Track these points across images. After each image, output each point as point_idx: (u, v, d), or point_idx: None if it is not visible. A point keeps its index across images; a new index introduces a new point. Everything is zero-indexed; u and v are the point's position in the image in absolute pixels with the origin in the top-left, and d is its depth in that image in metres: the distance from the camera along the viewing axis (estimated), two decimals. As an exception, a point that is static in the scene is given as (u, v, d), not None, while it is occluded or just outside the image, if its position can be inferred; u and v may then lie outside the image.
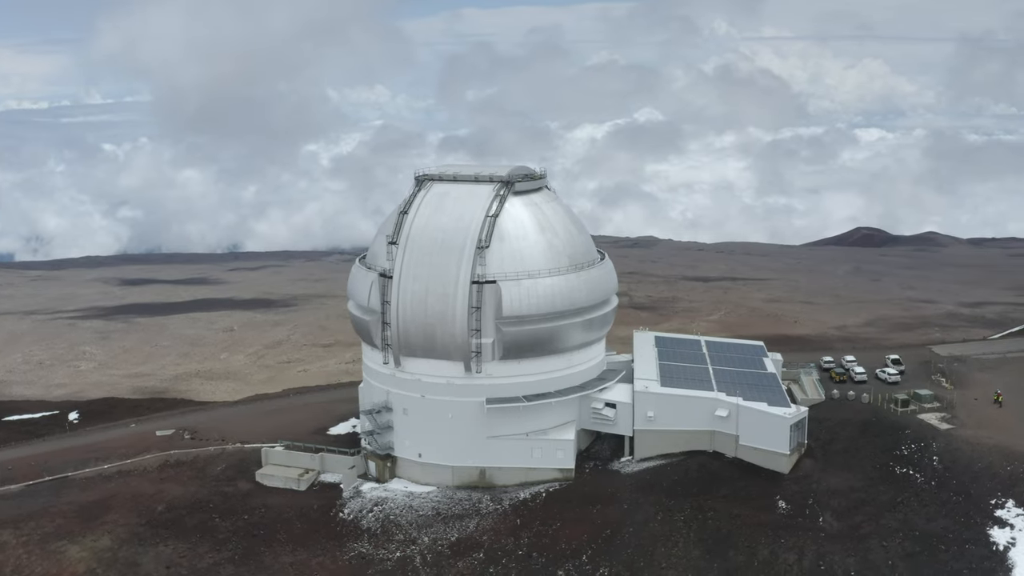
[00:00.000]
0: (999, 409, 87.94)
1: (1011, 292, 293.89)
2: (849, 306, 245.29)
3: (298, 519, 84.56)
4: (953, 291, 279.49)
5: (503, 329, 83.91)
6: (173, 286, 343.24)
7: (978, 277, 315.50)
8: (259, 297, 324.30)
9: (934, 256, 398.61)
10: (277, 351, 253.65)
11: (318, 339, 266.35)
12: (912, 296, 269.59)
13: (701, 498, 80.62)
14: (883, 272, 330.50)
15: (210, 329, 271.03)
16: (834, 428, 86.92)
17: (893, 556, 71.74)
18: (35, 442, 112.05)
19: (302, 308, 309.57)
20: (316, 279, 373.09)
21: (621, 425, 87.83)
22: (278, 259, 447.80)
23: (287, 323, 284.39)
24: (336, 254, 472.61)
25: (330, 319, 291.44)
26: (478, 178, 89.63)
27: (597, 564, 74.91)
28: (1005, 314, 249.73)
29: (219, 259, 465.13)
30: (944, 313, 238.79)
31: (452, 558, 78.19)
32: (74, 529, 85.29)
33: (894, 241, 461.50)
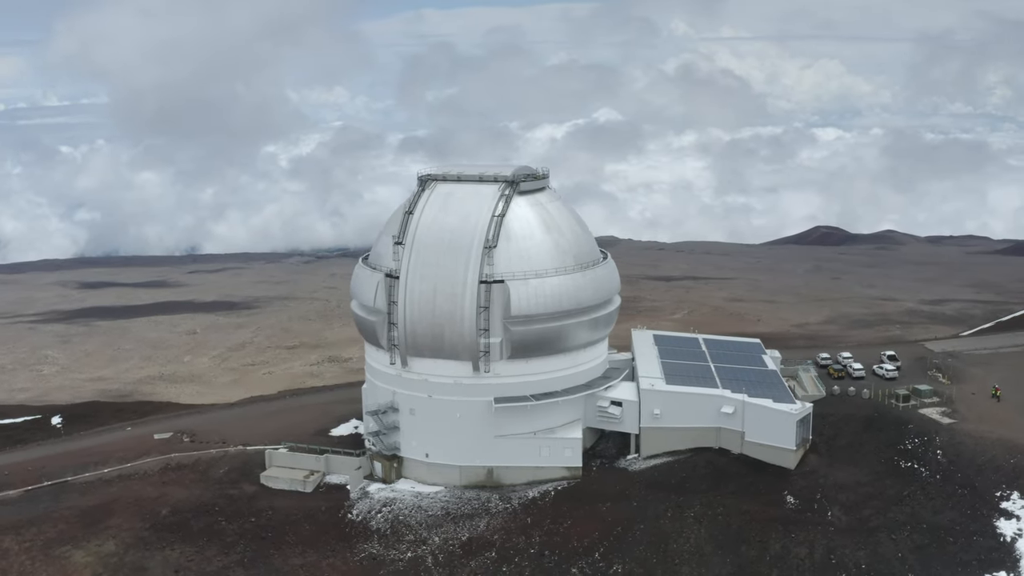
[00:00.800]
0: (997, 403, 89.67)
1: (970, 289, 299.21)
2: (810, 304, 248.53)
3: (306, 521, 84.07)
4: (913, 288, 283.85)
5: (511, 328, 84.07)
6: (133, 289, 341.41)
7: (937, 275, 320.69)
8: (220, 299, 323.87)
9: (893, 254, 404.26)
10: (241, 353, 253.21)
11: (282, 341, 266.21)
12: (872, 294, 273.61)
13: (710, 494, 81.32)
14: (843, 270, 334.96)
15: (172, 332, 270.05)
16: (837, 423, 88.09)
17: (903, 549, 72.91)
18: (30, 447, 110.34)
19: (264, 310, 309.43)
20: (277, 281, 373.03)
21: (627, 423, 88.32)
22: (238, 261, 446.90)
23: (250, 325, 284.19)
24: (296, 256, 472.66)
25: (293, 321, 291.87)
26: (482, 178, 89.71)
27: (611, 561, 75.27)
28: (964, 311, 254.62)
29: (178, 261, 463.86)
30: (904, 310, 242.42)
31: (464, 558, 78.15)
32: (77, 534, 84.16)
33: (853, 239, 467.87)
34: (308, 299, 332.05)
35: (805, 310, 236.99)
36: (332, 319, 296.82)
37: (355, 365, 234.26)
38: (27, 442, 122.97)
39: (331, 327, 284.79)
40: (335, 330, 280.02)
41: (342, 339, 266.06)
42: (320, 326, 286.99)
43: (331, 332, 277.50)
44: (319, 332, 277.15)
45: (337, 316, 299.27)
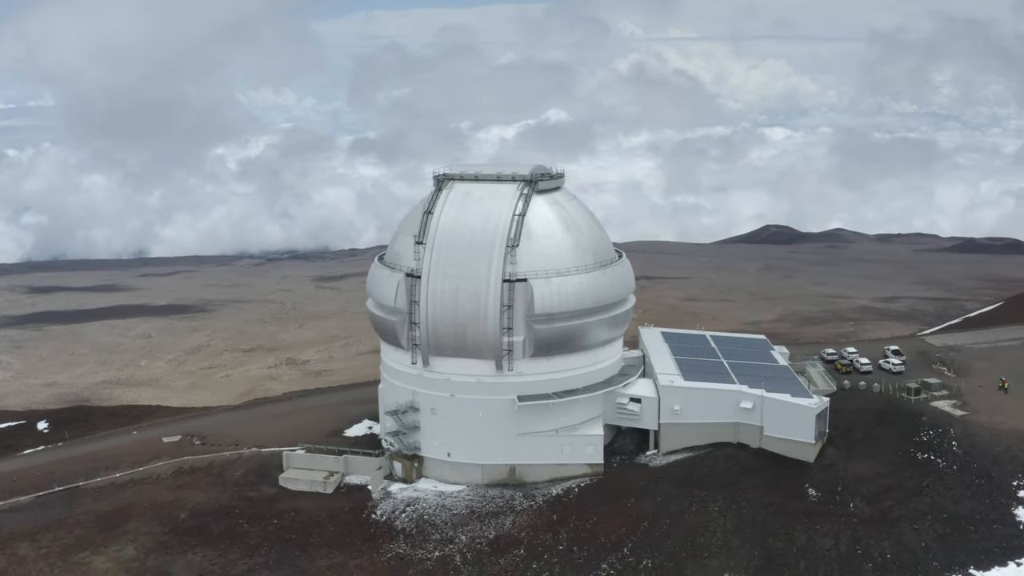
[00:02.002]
0: (1005, 395, 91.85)
1: (920, 287, 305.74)
2: (762, 302, 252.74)
3: (330, 522, 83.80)
4: (863, 286, 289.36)
5: (534, 327, 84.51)
6: (83, 293, 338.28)
7: (886, 272, 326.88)
8: (173, 303, 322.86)
9: (842, 252, 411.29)
10: (198, 357, 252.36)
11: (238, 344, 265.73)
12: (823, 292, 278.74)
13: (732, 488, 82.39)
14: (794, 268, 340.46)
15: (127, 336, 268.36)
16: (851, 417, 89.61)
17: (925, 538, 74.54)
18: (38, 452, 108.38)
19: (219, 313, 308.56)
20: (229, 284, 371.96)
21: (646, 419, 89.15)
22: (188, 264, 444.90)
23: (205, 328, 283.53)
24: (246, 258, 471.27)
25: (249, 324, 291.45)
26: (500, 177, 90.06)
27: (640, 556, 76.02)
28: (915, 308, 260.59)
29: (127, 265, 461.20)
30: (856, 308, 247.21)
31: (493, 556, 78.44)
32: (95, 539, 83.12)
33: (802, 238, 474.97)
34: (262, 302, 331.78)
35: (758, 308, 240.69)
36: (287, 322, 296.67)
37: (313, 368, 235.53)
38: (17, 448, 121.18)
39: (287, 330, 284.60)
40: (291, 333, 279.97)
41: (299, 342, 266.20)
42: (276, 329, 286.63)
43: (287, 335, 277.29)
44: (275, 335, 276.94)
45: (292, 319, 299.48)
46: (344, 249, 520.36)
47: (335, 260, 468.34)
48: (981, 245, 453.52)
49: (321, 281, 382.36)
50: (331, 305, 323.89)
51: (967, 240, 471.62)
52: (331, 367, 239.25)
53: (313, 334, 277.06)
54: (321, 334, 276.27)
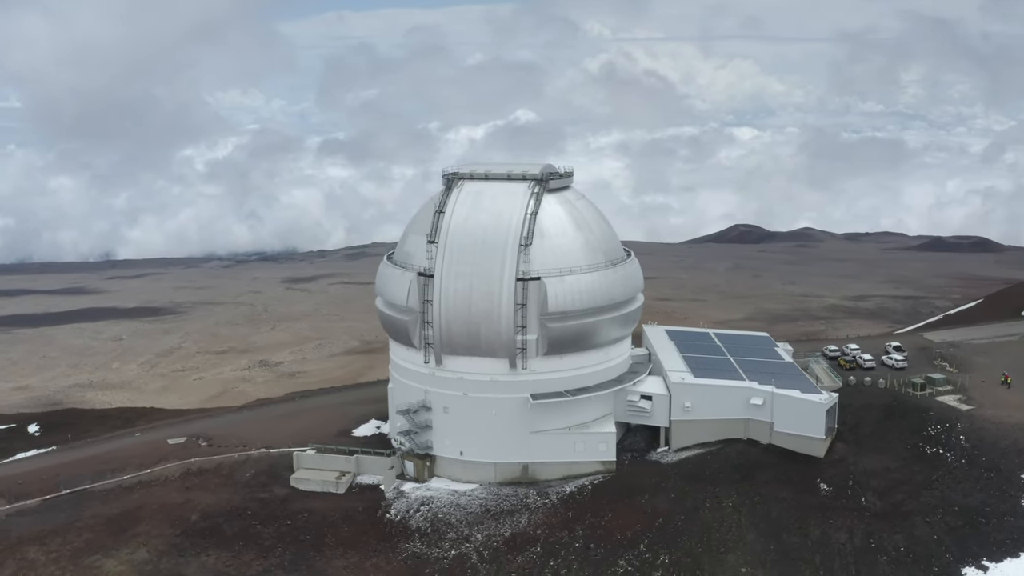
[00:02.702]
0: (1009, 390, 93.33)
1: (888, 285, 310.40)
2: (733, 301, 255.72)
3: (344, 522, 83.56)
4: (832, 285, 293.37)
5: (548, 325, 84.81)
6: (51, 296, 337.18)
7: (855, 271, 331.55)
8: (143, 305, 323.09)
9: (811, 251, 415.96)
10: (170, 359, 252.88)
11: (210, 346, 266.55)
12: (793, 291, 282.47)
13: (745, 484, 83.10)
14: (763, 268, 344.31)
15: (97, 339, 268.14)
16: (858, 412, 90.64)
17: (938, 531, 75.66)
18: (41, 455, 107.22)
19: (189, 315, 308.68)
20: (199, 286, 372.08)
21: (657, 416, 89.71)
22: (156, 266, 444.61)
23: (176, 331, 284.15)
24: (215, 260, 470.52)
25: (220, 326, 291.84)
26: (511, 176, 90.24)
27: (657, 552, 76.51)
28: (884, 306, 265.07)
29: (95, 267, 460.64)
30: (826, 306, 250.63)
31: (509, 553, 78.61)
32: (106, 543, 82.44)
33: (771, 237, 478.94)
34: (232, 304, 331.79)
35: (729, 307, 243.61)
36: (259, 324, 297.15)
37: (287, 369, 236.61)
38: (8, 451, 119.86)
39: (259, 332, 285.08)
40: (263, 335, 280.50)
41: (271, 343, 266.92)
42: (248, 331, 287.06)
43: (259, 337, 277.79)
44: (247, 337, 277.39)
45: (264, 320, 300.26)
46: (313, 251, 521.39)
47: (304, 261, 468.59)
48: (948, 243, 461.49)
49: (291, 283, 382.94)
50: (302, 307, 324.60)
51: (934, 239, 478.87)
52: (305, 369, 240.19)
53: (285, 336, 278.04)
54: (294, 336, 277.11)
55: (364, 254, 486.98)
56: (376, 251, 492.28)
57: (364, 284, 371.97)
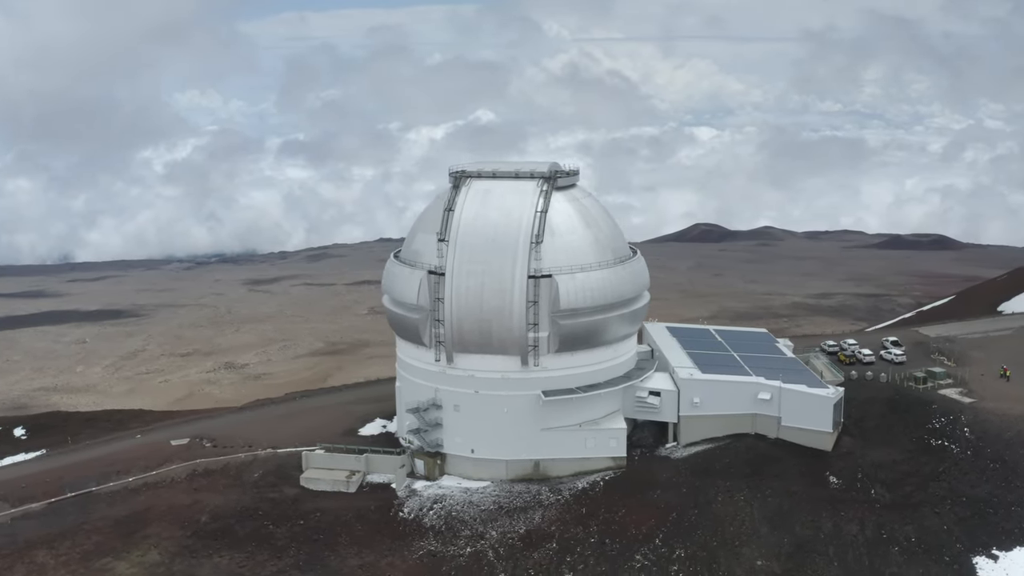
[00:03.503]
0: (1008, 383, 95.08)
1: (850, 283, 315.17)
2: (695, 300, 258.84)
3: (357, 521, 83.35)
4: (794, 283, 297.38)
5: (559, 322, 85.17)
6: (11, 299, 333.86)
7: (816, 269, 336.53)
8: (105, 308, 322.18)
9: (772, 250, 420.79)
10: (135, 362, 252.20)
11: (175, 348, 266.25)
12: (756, 289, 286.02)
13: (755, 478, 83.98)
14: (725, 266, 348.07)
15: (60, 342, 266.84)
16: (862, 406, 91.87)
17: (947, 521, 77.02)
18: (41, 458, 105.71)
19: (152, 318, 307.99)
20: (160, 288, 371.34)
21: (666, 412, 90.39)
22: (116, 269, 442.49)
23: (140, 334, 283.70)
24: (175, 262, 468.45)
25: (184, 328, 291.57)
26: (519, 174, 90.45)
27: (672, 547, 77.18)
28: (847, 304, 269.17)
29: (53, 270, 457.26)
30: (789, 304, 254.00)
31: (525, 550, 78.88)
32: (116, 545, 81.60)
33: (732, 236, 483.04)
34: (195, 306, 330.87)
35: (692, 306, 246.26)
36: (223, 325, 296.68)
37: (253, 371, 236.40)
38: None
39: (223, 333, 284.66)
40: (228, 336, 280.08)
41: (236, 345, 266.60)
42: (212, 332, 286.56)
43: (224, 339, 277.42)
44: (212, 339, 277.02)
45: (228, 322, 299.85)
46: (274, 252, 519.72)
47: (265, 263, 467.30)
48: (908, 241, 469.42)
49: (253, 284, 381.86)
50: (266, 308, 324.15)
51: (894, 237, 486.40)
52: (271, 370, 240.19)
53: (250, 337, 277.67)
54: (258, 337, 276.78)
55: (326, 255, 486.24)
56: (338, 252, 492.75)
57: (327, 285, 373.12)
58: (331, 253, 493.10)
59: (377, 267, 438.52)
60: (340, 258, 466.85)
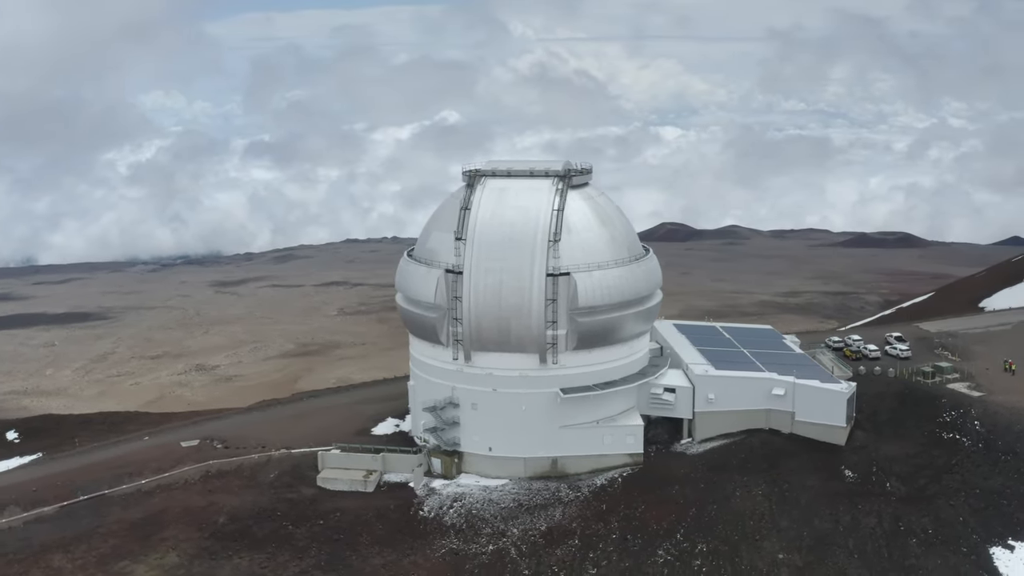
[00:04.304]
0: (1013, 377, 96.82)
1: (817, 281, 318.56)
2: (664, 299, 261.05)
3: (378, 520, 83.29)
4: (762, 281, 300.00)
5: (578, 320, 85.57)
6: None
7: (783, 268, 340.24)
8: (73, 311, 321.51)
9: (738, 249, 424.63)
10: (105, 365, 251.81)
11: (145, 351, 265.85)
12: (723, 288, 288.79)
13: (772, 472, 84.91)
14: (692, 265, 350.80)
15: (28, 345, 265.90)
16: (873, 401, 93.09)
17: (962, 513, 78.37)
18: (46, 461, 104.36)
19: (121, 320, 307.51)
20: (127, 291, 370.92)
21: (681, 408, 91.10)
22: (81, 271, 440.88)
23: (109, 336, 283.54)
24: (139, 264, 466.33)
25: (153, 331, 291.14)
26: (534, 172, 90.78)
27: (694, 541, 77.83)
28: (814, 302, 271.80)
29: (17, 273, 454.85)
30: (757, 302, 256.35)
31: (548, 547, 79.22)
32: (134, 548, 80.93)
33: (698, 235, 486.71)
34: (163, 308, 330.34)
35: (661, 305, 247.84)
36: (192, 327, 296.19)
37: (224, 373, 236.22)
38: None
39: (192, 336, 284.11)
40: (197, 338, 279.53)
41: (206, 347, 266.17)
42: (181, 335, 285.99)
43: (193, 341, 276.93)
44: (181, 341, 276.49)
45: (197, 324, 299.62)
46: (239, 253, 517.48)
47: (231, 264, 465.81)
48: (873, 239, 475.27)
49: (220, 286, 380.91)
50: (235, 310, 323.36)
51: (859, 235, 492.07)
52: (242, 372, 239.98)
53: (220, 339, 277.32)
54: (228, 339, 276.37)
55: (292, 256, 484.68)
56: (304, 253, 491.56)
57: (295, 287, 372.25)
58: (297, 254, 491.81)
59: (344, 268, 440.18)
60: (307, 259, 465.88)
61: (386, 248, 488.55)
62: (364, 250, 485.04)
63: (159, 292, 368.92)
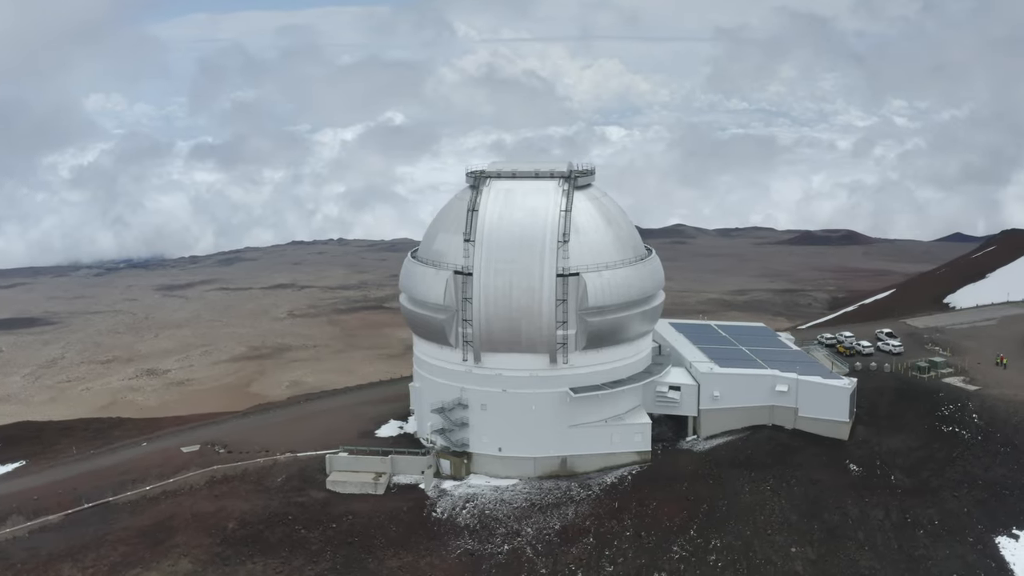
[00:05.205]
0: (1005, 370, 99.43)
1: (764, 279, 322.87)
2: None
3: (391, 523, 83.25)
4: (708, 280, 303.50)
5: (587, 319, 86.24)
6: None
7: (729, 266, 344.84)
8: (18, 316, 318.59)
9: (685, 248, 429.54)
10: (54, 370, 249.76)
11: (94, 356, 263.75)
12: (670, 286, 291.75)
13: (778, 468, 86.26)
14: None
15: None
16: (871, 396, 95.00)
17: (966, 504, 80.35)
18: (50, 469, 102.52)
19: (68, 325, 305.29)
20: (73, 295, 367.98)
21: (686, 406, 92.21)
22: (24, 276, 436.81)
23: (57, 341, 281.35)
24: (83, 268, 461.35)
25: (102, 335, 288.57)
26: (539, 174, 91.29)
27: (708, 537, 78.89)
28: (763, 299, 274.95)
29: None
30: (705, 300, 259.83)
31: (563, 545, 79.84)
32: (144, 556, 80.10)
33: (644, 234, 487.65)
34: (111, 312, 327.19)
35: None
36: (142, 331, 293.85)
37: (175, 377, 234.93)
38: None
39: (142, 340, 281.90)
40: (147, 343, 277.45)
41: (156, 351, 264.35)
42: (132, 339, 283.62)
43: (143, 345, 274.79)
44: (131, 345, 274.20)
45: (146, 328, 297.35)
46: (184, 257, 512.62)
47: (176, 268, 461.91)
48: (818, 237, 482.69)
49: (167, 290, 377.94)
50: (182, 314, 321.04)
51: (804, 233, 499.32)
52: (194, 376, 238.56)
53: (169, 343, 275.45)
54: (178, 343, 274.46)
55: (238, 259, 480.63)
56: (250, 256, 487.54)
57: (243, 290, 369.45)
58: (243, 257, 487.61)
59: (291, 270, 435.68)
60: (253, 262, 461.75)
61: (332, 250, 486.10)
62: (311, 252, 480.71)
63: (105, 296, 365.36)
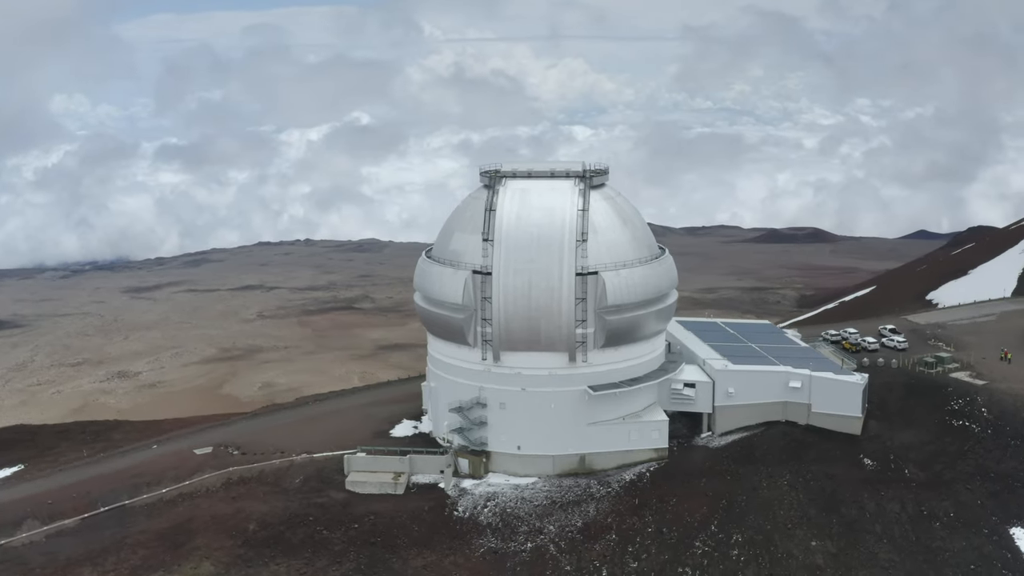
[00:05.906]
0: (1009, 365, 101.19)
1: (731, 277, 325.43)
2: None
3: (413, 522, 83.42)
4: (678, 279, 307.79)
5: (606, 318, 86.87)
6: None
7: (696, 264, 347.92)
8: None
9: None
10: (24, 373, 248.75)
11: (64, 358, 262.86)
12: None
13: (794, 463, 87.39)
14: None
15: None
16: (880, 391, 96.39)
17: (980, 496, 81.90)
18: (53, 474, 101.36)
19: (36, 328, 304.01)
20: (40, 298, 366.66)
21: (701, 403, 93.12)
22: None
23: (26, 344, 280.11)
24: (48, 271, 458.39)
25: (71, 338, 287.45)
26: (554, 173, 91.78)
27: (729, 532, 79.84)
28: (732, 297, 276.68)
29: None
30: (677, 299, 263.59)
31: (586, 542, 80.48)
32: (165, 559, 79.71)
33: None
34: (79, 314, 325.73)
35: None
36: (111, 333, 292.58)
37: (147, 379, 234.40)
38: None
39: (112, 342, 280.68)
40: (117, 345, 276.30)
41: (126, 354, 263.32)
42: (101, 341, 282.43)
43: (113, 347, 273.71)
44: (101, 347, 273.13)
45: (115, 330, 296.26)
46: (150, 258, 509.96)
47: (143, 270, 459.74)
48: (784, 235, 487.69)
49: (134, 292, 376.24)
50: (151, 315, 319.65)
51: (770, 231, 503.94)
52: (165, 378, 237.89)
53: (139, 345, 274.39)
54: (148, 345, 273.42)
55: (205, 260, 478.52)
56: (217, 257, 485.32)
57: (211, 291, 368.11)
58: (210, 258, 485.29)
59: (259, 271, 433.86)
60: (220, 263, 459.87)
61: (299, 251, 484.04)
62: (277, 253, 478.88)
63: (73, 299, 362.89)
